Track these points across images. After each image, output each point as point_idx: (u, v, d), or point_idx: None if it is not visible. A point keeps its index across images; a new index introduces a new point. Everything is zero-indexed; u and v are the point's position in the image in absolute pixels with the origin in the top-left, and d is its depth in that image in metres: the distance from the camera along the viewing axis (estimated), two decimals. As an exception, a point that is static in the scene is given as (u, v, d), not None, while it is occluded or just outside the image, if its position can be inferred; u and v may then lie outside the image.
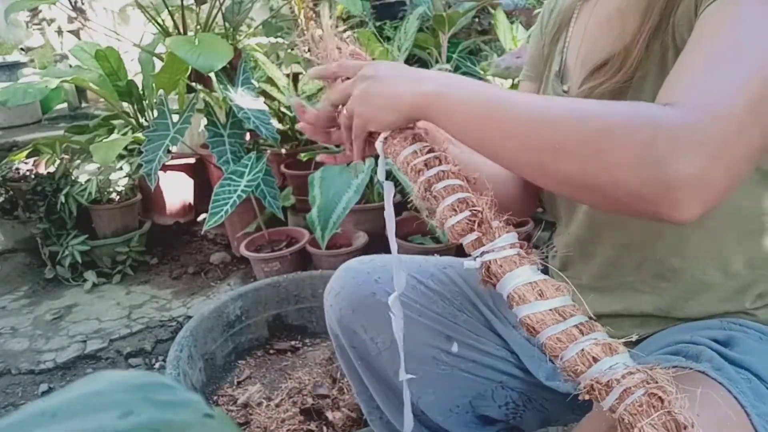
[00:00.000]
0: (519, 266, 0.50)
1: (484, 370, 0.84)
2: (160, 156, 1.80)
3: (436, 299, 0.85)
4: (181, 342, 1.34)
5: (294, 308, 1.63)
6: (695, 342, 0.63)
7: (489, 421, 0.88)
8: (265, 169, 1.78)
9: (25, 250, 2.37)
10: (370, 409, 0.96)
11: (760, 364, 0.60)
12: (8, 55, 3.70)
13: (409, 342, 0.82)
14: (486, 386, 0.84)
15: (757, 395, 0.56)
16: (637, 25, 0.64)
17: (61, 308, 2.01)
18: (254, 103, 1.87)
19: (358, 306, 0.85)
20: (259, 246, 1.97)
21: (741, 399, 0.53)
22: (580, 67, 0.74)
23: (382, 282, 0.85)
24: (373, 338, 0.85)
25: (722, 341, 0.63)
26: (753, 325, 0.67)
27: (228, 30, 2.11)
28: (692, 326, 0.68)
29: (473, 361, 0.84)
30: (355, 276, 0.87)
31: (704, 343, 0.62)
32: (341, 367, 0.97)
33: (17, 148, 2.64)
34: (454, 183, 0.56)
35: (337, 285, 0.89)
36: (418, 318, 0.83)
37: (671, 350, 0.63)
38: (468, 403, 0.86)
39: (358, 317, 0.86)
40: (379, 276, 0.86)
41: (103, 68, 2.15)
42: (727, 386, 0.54)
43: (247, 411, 1.35)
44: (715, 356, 0.59)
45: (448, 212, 0.54)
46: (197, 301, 1.99)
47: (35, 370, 1.68)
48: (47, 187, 2.16)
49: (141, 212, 2.41)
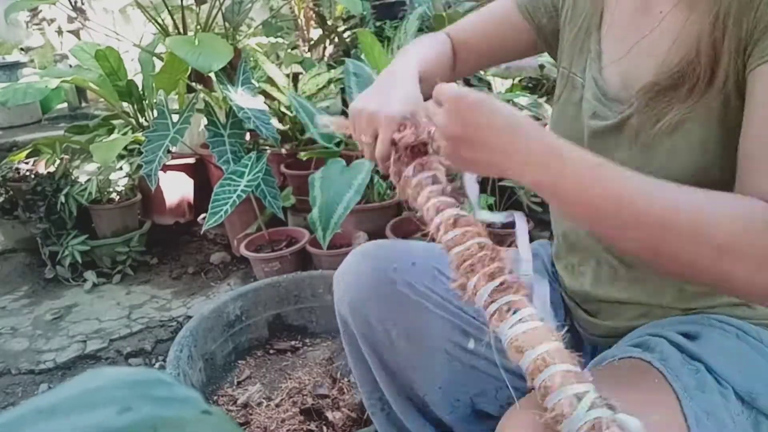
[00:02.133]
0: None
1: (494, 369, 0.83)
2: (160, 156, 1.80)
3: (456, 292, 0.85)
4: (181, 342, 1.34)
5: (294, 308, 1.63)
6: (661, 335, 0.67)
7: (486, 416, 0.88)
8: (265, 169, 1.78)
9: (25, 250, 2.37)
10: (373, 400, 0.95)
11: (715, 358, 0.64)
12: (8, 55, 3.70)
13: (424, 333, 0.83)
14: (492, 384, 0.84)
15: (700, 384, 0.61)
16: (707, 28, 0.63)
17: (61, 308, 2.01)
18: (254, 102, 1.87)
19: (375, 294, 0.83)
20: (259, 246, 1.97)
21: (675, 385, 0.59)
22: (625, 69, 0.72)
23: (401, 271, 0.83)
24: (387, 329, 0.84)
25: (691, 335, 0.67)
26: (735, 323, 0.69)
27: (228, 30, 2.11)
28: (675, 321, 0.71)
29: (486, 358, 0.83)
30: (374, 263, 0.85)
31: (668, 336, 0.67)
32: (347, 355, 0.95)
33: (17, 148, 2.64)
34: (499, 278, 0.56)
35: (353, 269, 0.87)
36: (436, 310, 0.82)
37: (635, 342, 0.68)
38: (469, 399, 0.86)
39: (374, 306, 0.83)
40: (397, 265, 0.83)
41: (103, 68, 2.15)
42: (664, 373, 0.60)
43: (247, 411, 1.35)
44: (667, 347, 0.65)
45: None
46: (197, 301, 1.99)
47: (35, 370, 1.68)
48: (47, 187, 2.16)
49: (141, 212, 2.41)
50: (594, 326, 0.81)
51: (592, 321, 0.81)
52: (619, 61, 0.73)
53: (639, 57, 0.70)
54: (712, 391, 0.61)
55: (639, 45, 0.70)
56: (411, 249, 0.87)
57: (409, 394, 0.89)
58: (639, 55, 0.71)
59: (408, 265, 0.83)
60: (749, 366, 0.65)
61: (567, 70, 0.81)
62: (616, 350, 0.69)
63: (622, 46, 0.73)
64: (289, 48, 2.80)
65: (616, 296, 0.76)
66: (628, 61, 0.72)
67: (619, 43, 0.73)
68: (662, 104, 0.65)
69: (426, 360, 0.84)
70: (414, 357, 0.84)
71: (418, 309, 0.82)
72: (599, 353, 0.81)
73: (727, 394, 0.62)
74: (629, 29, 0.72)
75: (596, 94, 0.74)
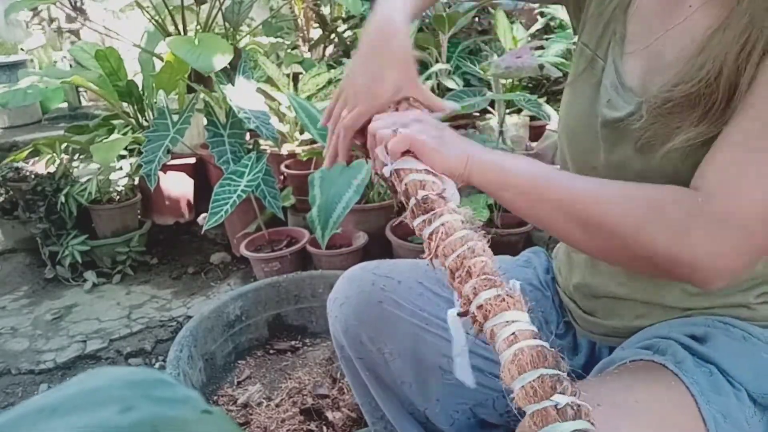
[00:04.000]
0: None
1: (488, 380, 0.83)
2: (160, 156, 1.80)
3: (443, 306, 0.83)
4: (181, 342, 1.34)
5: (294, 308, 1.63)
6: (670, 338, 0.67)
7: (489, 425, 0.88)
8: (265, 169, 1.78)
9: (25, 250, 2.37)
10: (375, 419, 0.96)
11: (727, 360, 0.63)
12: (8, 55, 3.70)
13: (416, 350, 0.83)
14: (488, 395, 0.84)
15: (714, 387, 0.61)
16: None
17: (61, 308, 2.01)
18: (254, 102, 1.87)
19: (365, 316, 0.84)
20: (259, 246, 1.97)
21: (692, 388, 0.59)
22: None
23: (388, 290, 0.83)
24: (380, 348, 0.84)
25: (699, 337, 0.67)
26: (739, 324, 0.68)
27: (228, 30, 2.11)
28: (679, 323, 0.70)
29: (480, 370, 0.82)
30: (360, 285, 0.85)
31: (677, 338, 0.66)
32: (347, 379, 0.96)
33: (17, 149, 2.64)
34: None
35: (341, 295, 0.87)
36: (426, 327, 0.82)
37: (645, 345, 0.68)
38: (469, 410, 0.86)
39: (364, 328, 0.84)
40: (384, 284, 0.84)
41: (103, 68, 2.15)
42: (680, 376, 0.60)
43: (247, 411, 1.35)
44: (680, 350, 0.64)
45: None
46: (197, 301, 1.99)
47: (35, 370, 1.68)
48: (47, 187, 2.16)
49: (141, 212, 2.41)
50: (594, 325, 0.80)
51: (591, 320, 0.80)
52: (642, 52, 0.68)
53: (661, 56, 0.66)
54: (727, 393, 0.61)
55: (664, 38, 0.66)
56: (396, 268, 0.87)
57: (409, 409, 0.90)
58: (662, 53, 0.66)
59: (394, 284, 0.84)
60: (759, 367, 0.64)
61: (588, 48, 0.75)
62: (623, 352, 0.68)
63: (648, 35, 0.68)
64: (289, 48, 2.80)
65: (614, 291, 0.75)
66: (650, 55, 0.67)
67: (645, 30, 0.69)
68: (673, 123, 0.62)
69: (421, 376, 0.84)
70: (409, 374, 0.84)
71: (408, 327, 0.82)
72: (597, 352, 0.81)
73: (741, 396, 0.62)
74: (657, 17, 0.68)
75: (614, 82, 0.70)
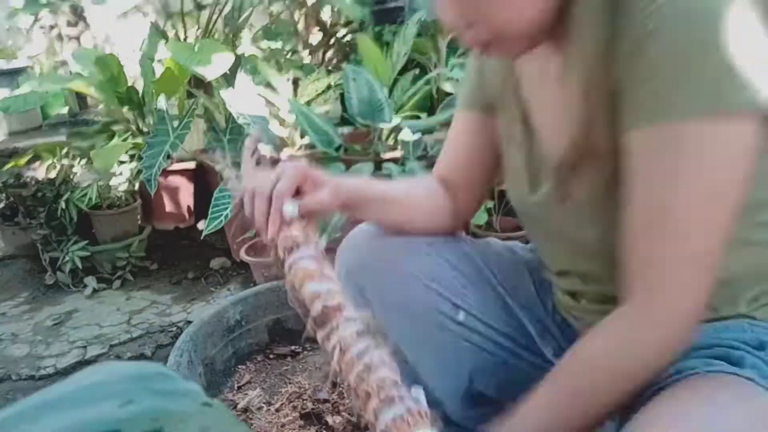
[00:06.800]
0: None
1: (487, 343, 0.85)
2: (160, 161, 1.81)
3: (446, 267, 0.85)
4: (181, 347, 1.34)
5: (294, 313, 1.61)
6: (732, 346, 0.62)
7: (482, 401, 0.88)
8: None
9: (26, 256, 2.37)
10: None
11: None
12: (9, 61, 3.71)
13: (416, 305, 0.84)
14: (487, 361, 0.85)
15: None
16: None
17: (61, 314, 2.01)
18: (254, 108, 1.87)
19: (369, 264, 0.86)
20: (259, 251, 1.97)
21: None
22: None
23: (394, 245, 0.86)
24: (379, 297, 0.85)
25: (755, 345, 0.62)
26: None
27: (228, 35, 2.12)
28: (721, 327, 0.65)
29: (478, 332, 0.84)
30: (369, 236, 0.88)
31: (742, 348, 0.62)
32: None
33: (18, 154, 2.64)
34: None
35: (350, 242, 0.90)
36: (429, 282, 0.84)
37: (711, 353, 0.62)
38: (467, 375, 0.86)
39: (367, 275, 0.86)
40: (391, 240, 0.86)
41: (103, 74, 2.15)
42: None
43: (247, 416, 1.35)
44: (758, 362, 0.60)
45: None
46: (197, 307, 1.99)
47: (36, 375, 1.68)
48: (48, 192, 2.16)
49: (141, 217, 2.41)
50: None
51: None
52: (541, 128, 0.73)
53: (552, 129, 0.71)
54: None
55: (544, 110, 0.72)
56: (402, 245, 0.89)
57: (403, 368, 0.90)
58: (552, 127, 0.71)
59: (401, 242, 0.86)
60: None
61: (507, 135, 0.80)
62: (691, 362, 0.62)
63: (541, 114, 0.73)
64: (289, 53, 2.81)
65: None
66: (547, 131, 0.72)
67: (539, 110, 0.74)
68: (579, 180, 0.66)
69: (419, 332, 0.85)
70: (404, 327, 0.85)
71: (409, 279, 0.84)
72: None
73: None
74: (539, 98, 0.73)
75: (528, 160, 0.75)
